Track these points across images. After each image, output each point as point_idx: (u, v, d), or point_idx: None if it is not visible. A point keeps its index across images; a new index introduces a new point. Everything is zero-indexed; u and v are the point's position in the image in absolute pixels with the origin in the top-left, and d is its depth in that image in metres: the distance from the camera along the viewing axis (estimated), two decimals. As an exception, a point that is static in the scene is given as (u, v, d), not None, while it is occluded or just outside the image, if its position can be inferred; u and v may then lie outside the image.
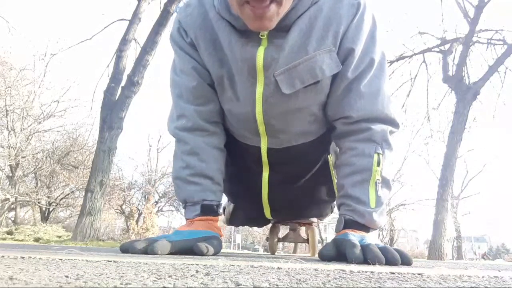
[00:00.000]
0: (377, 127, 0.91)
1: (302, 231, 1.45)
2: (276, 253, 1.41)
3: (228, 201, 1.37)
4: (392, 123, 0.94)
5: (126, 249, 0.83)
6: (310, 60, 0.86)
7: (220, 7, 0.88)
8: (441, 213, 6.93)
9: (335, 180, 1.10)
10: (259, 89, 0.91)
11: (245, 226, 1.43)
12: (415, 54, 8.80)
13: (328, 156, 1.10)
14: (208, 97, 0.99)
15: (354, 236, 0.82)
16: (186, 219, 0.99)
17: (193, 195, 0.97)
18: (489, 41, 8.01)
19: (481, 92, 7.56)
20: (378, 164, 0.89)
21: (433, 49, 8.74)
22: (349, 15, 0.87)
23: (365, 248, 0.76)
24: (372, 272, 0.50)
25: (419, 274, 0.49)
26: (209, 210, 0.96)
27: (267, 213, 1.12)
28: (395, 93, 9.45)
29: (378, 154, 0.90)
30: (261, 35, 0.86)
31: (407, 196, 20.26)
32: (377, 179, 0.88)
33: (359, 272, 0.49)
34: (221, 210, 1.01)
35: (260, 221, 1.32)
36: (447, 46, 8.37)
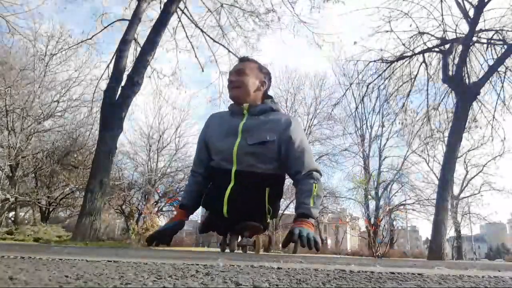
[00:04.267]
0: (314, 174, 1.78)
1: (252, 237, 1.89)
2: (274, 253, 1.42)
3: (204, 213, 2.07)
4: (319, 172, 1.83)
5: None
6: (263, 132, 1.78)
7: (229, 107, 1.94)
8: (441, 213, 6.93)
9: (268, 207, 1.77)
10: (237, 141, 1.79)
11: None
12: (415, 54, 8.80)
13: (266, 189, 1.78)
14: (203, 158, 1.95)
15: (304, 229, 1.56)
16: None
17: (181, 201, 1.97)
18: (489, 41, 8.01)
19: (481, 92, 7.57)
20: (315, 187, 1.73)
21: (433, 49, 8.74)
22: (286, 122, 1.81)
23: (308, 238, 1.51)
24: (372, 272, 0.50)
25: (419, 274, 0.49)
26: (180, 205, 1.95)
27: (225, 209, 1.74)
28: (395, 93, 9.43)
29: (315, 184, 1.75)
30: (244, 113, 1.86)
31: (407, 196, 20.14)
32: (314, 194, 1.71)
33: (359, 272, 0.49)
34: (186, 204, 1.93)
35: (218, 223, 1.84)
36: (447, 46, 8.37)
